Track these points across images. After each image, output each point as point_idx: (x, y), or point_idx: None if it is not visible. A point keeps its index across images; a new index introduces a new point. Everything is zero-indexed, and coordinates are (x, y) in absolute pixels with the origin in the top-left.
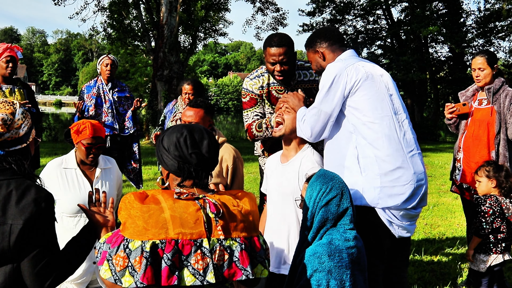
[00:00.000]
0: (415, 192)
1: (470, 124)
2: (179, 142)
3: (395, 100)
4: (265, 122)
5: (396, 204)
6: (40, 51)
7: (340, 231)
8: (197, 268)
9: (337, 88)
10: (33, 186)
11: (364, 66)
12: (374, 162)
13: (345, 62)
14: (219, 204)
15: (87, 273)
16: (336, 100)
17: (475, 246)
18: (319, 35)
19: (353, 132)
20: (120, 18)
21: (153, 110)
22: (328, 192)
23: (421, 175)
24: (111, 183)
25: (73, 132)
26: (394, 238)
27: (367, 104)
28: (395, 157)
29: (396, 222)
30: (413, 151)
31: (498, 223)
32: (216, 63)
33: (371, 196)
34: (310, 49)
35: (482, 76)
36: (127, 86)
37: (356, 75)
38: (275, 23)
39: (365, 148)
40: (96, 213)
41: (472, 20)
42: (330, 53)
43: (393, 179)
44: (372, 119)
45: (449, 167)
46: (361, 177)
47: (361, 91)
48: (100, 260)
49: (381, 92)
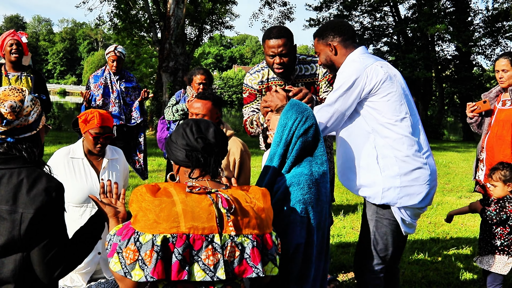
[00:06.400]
0: (429, 192)
1: (493, 124)
2: (186, 132)
3: (410, 100)
4: (255, 119)
5: (414, 204)
6: (46, 40)
7: (318, 163)
8: (208, 264)
9: (355, 90)
10: (44, 175)
11: (382, 66)
12: (394, 163)
13: (363, 62)
14: (232, 199)
15: (92, 264)
16: (352, 101)
17: (458, 213)
18: (333, 28)
19: (371, 133)
20: (127, 8)
21: (158, 101)
22: (304, 121)
23: (435, 175)
24: (118, 173)
25: (81, 121)
26: (402, 236)
27: (387, 106)
28: (414, 158)
29: (408, 220)
30: (428, 152)
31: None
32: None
33: (391, 195)
34: (321, 40)
35: (506, 77)
36: (134, 77)
37: (376, 77)
38: (282, 17)
39: (384, 149)
40: (107, 204)
41: (480, 19)
42: (342, 49)
43: (412, 179)
44: (392, 121)
45: (453, 166)
46: (381, 177)
47: (381, 93)
48: (110, 252)
49: (399, 93)
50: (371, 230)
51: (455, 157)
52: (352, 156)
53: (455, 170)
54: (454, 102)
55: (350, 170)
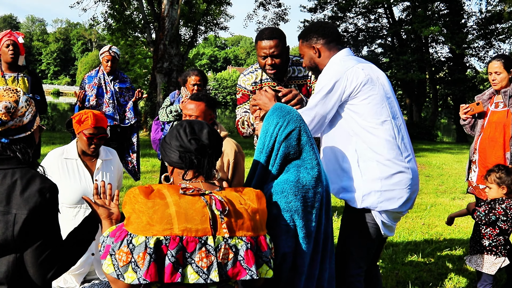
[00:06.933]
0: (411, 196)
1: (486, 126)
2: (179, 133)
3: (393, 103)
4: (246, 120)
5: (394, 208)
6: (39, 40)
7: (308, 168)
8: (201, 266)
9: (335, 93)
10: (38, 176)
11: (363, 68)
12: (375, 166)
13: (344, 64)
14: (225, 201)
15: (85, 265)
16: (332, 104)
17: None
18: (317, 30)
19: (352, 136)
20: (121, 8)
21: (152, 102)
22: (286, 125)
23: (417, 180)
24: (111, 174)
25: (75, 121)
26: (381, 238)
27: (368, 109)
28: (395, 162)
29: (388, 223)
30: (410, 156)
31: (506, 226)
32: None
33: (371, 199)
34: (305, 43)
35: (499, 79)
36: (128, 78)
37: (357, 80)
38: (277, 18)
39: (365, 152)
40: (100, 205)
41: (473, 22)
42: (326, 51)
43: (393, 183)
44: (373, 124)
45: (446, 167)
46: (361, 180)
47: (361, 95)
48: (103, 254)
49: (380, 96)
50: (351, 234)
51: (449, 159)
52: (334, 158)
53: (449, 171)
54: (447, 104)
55: (331, 173)
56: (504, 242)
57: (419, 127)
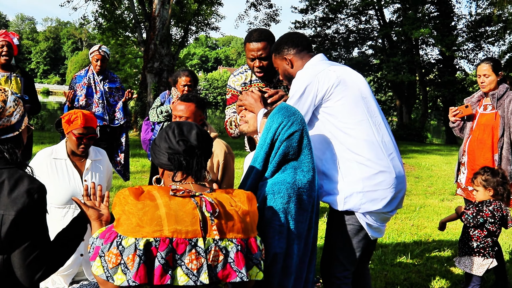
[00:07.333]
0: (395, 196)
1: (475, 128)
2: (168, 135)
3: (370, 103)
4: (234, 120)
5: (378, 209)
6: (29, 39)
7: (304, 170)
8: (191, 268)
9: (308, 96)
10: (26, 176)
11: (335, 70)
12: (356, 167)
13: (315, 68)
14: (216, 203)
15: (74, 265)
16: (306, 108)
17: (449, 220)
18: (287, 41)
19: (331, 138)
20: (112, 8)
21: (142, 102)
22: (289, 126)
23: (402, 179)
24: (101, 175)
25: (64, 121)
26: (369, 240)
27: (343, 110)
28: (376, 161)
29: (374, 225)
30: (393, 154)
31: (494, 228)
32: (206, 57)
33: (353, 201)
34: (277, 55)
35: (487, 82)
36: (118, 77)
37: (328, 82)
38: (268, 19)
39: (345, 153)
40: (90, 207)
41: (463, 24)
42: (298, 60)
43: (375, 183)
44: (349, 124)
45: (436, 169)
46: (343, 183)
47: (334, 97)
48: (93, 255)
49: (355, 96)
50: (336, 236)
51: (438, 160)
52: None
53: (438, 173)
54: (437, 106)
55: None
56: (492, 243)
57: (409, 129)
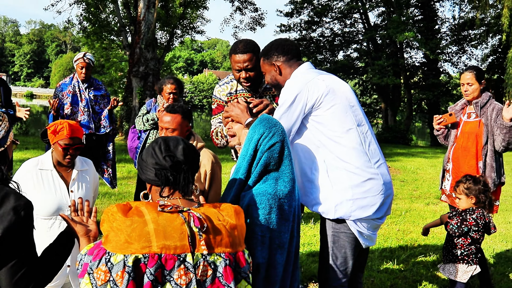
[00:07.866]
0: (384, 202)
1: (459, 136)
2: (154, 150)
3: (357, 111)
4: (219, 131)
5: (368, 215)
6: (12, 41)
7: (285, 181)
8: (180, 284)
9: (297, 106)
10: (12, 193)
11: (324, 80)
12: (345, 175)
13: (304, 77)
14: (204, 218)
15: (61, 276)
16: (296, 117)
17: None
18: (277, 48)
19: (319, 146)
20: (97, 11)
21: (128, 106)
22: (271, 137)
23: (389, 185)
24: (87, 185)
25: (50, 132)
26: (361, 248)
27: (332, 118)
28: (364, 169)
29: (366, 233)
30: (379, 161)
31: (478, 235)
32: (191, 60)
33: (344, 209)
34: (266, 60)
35: (471, 90)
36: (103, 84)
37: (318, 91)
38: (253, 22)
39: (334, 162)
40: (78, 222)
41: (447, 28)
42: (287, 68)
43: (364, 190)
44: (338, 133)
45: (421, 172)
46: (332, 191)
47: (324, 106)
48: (81, 272)
49: (343, 105)
50: (329, 245)
51: (423, 163)
52: (303, 171)
53: (423, 176)
54: (422, 108)
55: (302, 185)
56: (475, 250)
57: (394, 131)
